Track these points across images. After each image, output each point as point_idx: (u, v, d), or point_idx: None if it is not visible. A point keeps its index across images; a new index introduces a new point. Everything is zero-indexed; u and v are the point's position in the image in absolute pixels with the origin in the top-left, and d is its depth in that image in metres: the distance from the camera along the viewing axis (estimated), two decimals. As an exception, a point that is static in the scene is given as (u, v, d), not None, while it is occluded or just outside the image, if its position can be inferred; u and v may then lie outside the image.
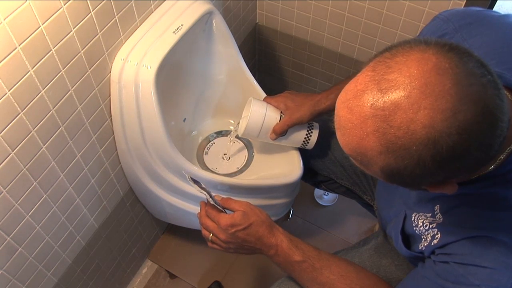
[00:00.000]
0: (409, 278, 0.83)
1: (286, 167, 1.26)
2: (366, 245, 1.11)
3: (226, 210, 0.96)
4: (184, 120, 1.38)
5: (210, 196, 0.94)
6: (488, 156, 0.58)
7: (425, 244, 0.79)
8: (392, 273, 1.04)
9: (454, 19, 0.79)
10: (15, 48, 0.75)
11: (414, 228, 0.82)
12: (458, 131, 0.53)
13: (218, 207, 0.96)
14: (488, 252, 0.68)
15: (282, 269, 0.96)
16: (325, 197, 1.76)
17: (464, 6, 1.26)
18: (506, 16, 0.80)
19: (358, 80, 0.58)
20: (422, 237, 0.80)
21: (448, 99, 0.53)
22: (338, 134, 0.62)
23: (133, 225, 1.43)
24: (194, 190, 1.20)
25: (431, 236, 0.77)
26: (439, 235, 0.75)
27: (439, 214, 0.76)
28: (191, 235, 1.66)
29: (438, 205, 0.77)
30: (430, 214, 0.79)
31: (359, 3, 1.41)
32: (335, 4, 1.46)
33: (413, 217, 0.83)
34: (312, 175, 1.32)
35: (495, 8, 1.34)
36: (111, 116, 1.07)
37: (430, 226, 0.78)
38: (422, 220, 0.81)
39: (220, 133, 1.43)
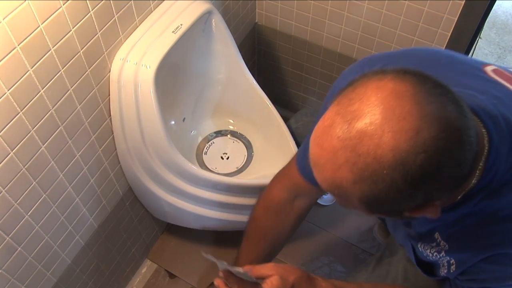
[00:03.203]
0: None
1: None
2: (395, 255, 1.09)
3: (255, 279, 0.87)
4: (184, 119, 1.38)
5: (238, 272, 0.86)
6: (463, 173, 0.58)
7: (445, 271, 0.79)
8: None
9: (370, 63, 0.81)
10: (14, 48, 0.75)
11: (427, 257, 0.83)
12: (424, 149, 0.53)
13: (249, 279, 0.87)
14: (509, 270, 0.68)
15: None
16: (325, 197, 1.76)
17: (463, 6, 1.26)
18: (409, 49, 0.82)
19: (325, 117, 0.60)
20: (439, 263, 0.80)
21: (409, 120, 0.53)
22: (314, 172, 0.63)
23: (133, 224, 1.42)
24: (193, 189, 1.20)
25: (446, 263, 0.77)
26: (453, 261, 0.75)
27: (442, 241, 0.77)
28: (190, 235, 1.66)
29: (437, 233, 0.77)
30: (434, 244, 0.79)
31: (359, 2, 1.41)
32: (335, 4, 1.46)
33: (420, 248, 0.83)
34: None
35: (495, 8, 1.34)
36: (110, 115, 1.07)
37: (440, 254, 0.78)
38: (429, 250, 0.81)
39: (219, 133, 1.43)
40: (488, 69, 0.75)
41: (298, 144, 1.26)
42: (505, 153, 0.65)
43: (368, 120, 0.54)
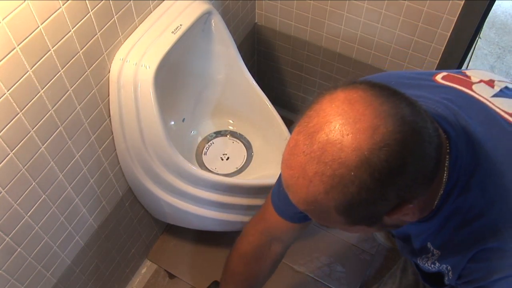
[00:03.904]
0: None
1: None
2: (406, 276, 1.10)
3: None
4: (183, 120, 1.38)
5: None
6: (429, 167, 0.60)
7: (447, 279, 0.80)
8: None
9: None
10: (14, 48, 0.75)
11: (429, 270, 0.84)
12: (384, 144, 0.55)
13: None
14: (492, 264, 0.69)
15: None
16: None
17: (463, 6, 1.26)
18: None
19: (289, 142, 0.62)
20: (442, 272, 0.81)
21: (365, 120, 0.56)
22: (290, 196, 0.64)
23: (132, 225, 1.42)
24: (192, 190, 1.20)
25: (446, 269, 0.78)
26: (449, 267, 0.76)
27: (435, 250, 0.78)
28: (190, 235, 1.66)
29: (429, 243, 0.79)
30: (429, 254, 0.80)
31: (358, 3, 1.41)
32: (334, 4, 1.46)
33: (420, 262, 0.84)
34: None
35: (494, 8, 1.34)
36: (110, 116, 1.07)
37: (437, 263, 0.79)
38: (426, 261, 0.82)
39: (219, 133, 1.43)
40: (438, 76, 0.78)
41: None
42: (464, 147, 0.67)
43: (327, 129, 0.57)
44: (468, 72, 0.80)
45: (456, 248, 0.73)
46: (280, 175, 0.68)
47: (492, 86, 0.76)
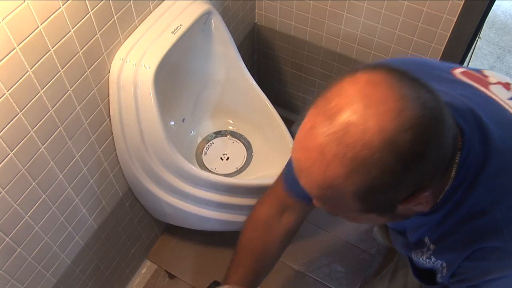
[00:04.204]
0: None
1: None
2: (408, 266, 1.10)
3: None
4: (183, 120, 1.38)
5: None
6: (447, 156, 0.60)
7: (440, 276, 0.80)
8: None
9: None
10: (14, 49, 0.75)
11: (423, 265, 0.83)
12: (409, 126, 0.54)
13: None
14: (488, 264, 0.69)
15: None
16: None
17: (463, 6, 1.26)
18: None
19: (304, 123, 0.60)
20: (436, 268, 0.81)
21: (390, 102, 0.55)
22: (302, 181, 0.63)
23: (132, 225, 1.42)
24: (192, 190, 1.20)
25: (440, 266, 0.78)
26: (444, 264, 0.76)
27: (431, 245, 0.78)
28: (190, 235, 1.66)
29: (427, 237, 0.78)
30: (425, 249, 0.80)
31: (358, 3, 1.41)
32: (334, 4, 1.46)
33: (415, 257, 0.84)
34: None
35: (494, 8, 1.34)
36: (110, 116, 1.07)
37: (433, 258, 0.79)
38: (421, 257, 0.82)
39: (219, 133, 1.43)
40: (457, 71, 0.78)
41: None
42: (477, 145, 0.67)
43: (350, 110, 0.55)
44: (486, 72, 0.79)
45: (454, 244, 0.73)
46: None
47: (509, 89, 0.75)
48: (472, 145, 0.66)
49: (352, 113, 0.55)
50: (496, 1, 1.28)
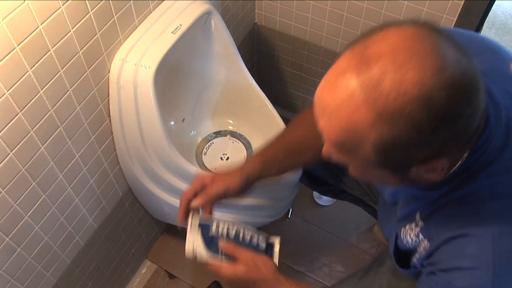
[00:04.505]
0: None
1: (285, 167, 1.26)
2: (382, 266, 1.09)
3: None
4: (183, 120, 1.38)
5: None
6: (473, 127, 0.59)
7: (417, 257, 0.79)
8: None
9: None
10: (14, 49, 0.75)
11: (406, 244, 0.82)
12: (447, 86, 0.53)
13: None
14: (464, 252, 0.68)
15: None
16: (324, 197, 1.76)
17: (463, 6, 1.26)
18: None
19: (337, 65, 0.58)
20: (416, 247, 0.80)
21: (433, 58, 0.54)
22: (322, 123, 0.61)
23: (132, 225, 1.42)
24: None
25: (422, 245, 0.77)
26: (426, 241, 0.75)
27: (420, 221, 0.77)
28: (190, 235, 1.66)
29: (419, 212, 0.78)
30: (413, 224, 0.79)
31: (358, 3, 1.41)
32: (334, 4, 1.46)
33: (402, 234, 0.83)
34: (321, 184, 1.31)
35: (494, 8, 1.34)
36: (110, 116, 1.07)
37: (416, 236, 0.78)
38: (409, 234, 0.81)
39: (219, 133, 1.43)
40: None
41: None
42: (498, 138, 0.66)
43: (391, 58, 0.54)
44: None
45: (442, 223, 0.72)
46: None
47: None
48: (492, 137, 0.65)
49: (392, 62, 0.54)
50: (496, 1, 1.28)
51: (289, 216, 1.73)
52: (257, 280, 0.88)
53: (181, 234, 1.69)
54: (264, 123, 1.38)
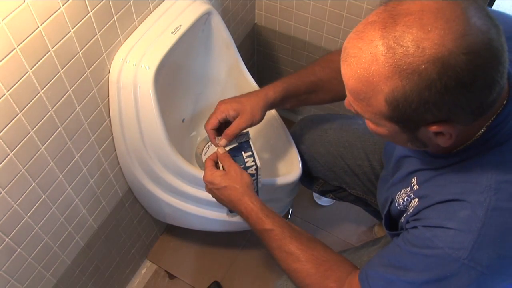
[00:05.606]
0: (385, 249, 0.83)
1: (285, 168, 1.26)
2: (375, 245, 1.11)
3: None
4: (183, 120, 1.38)
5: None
6: (487, 100, 0.59)
7: (404, 216, 0.80)
8: None
9: None
10: (14, 49, 0.75)
11: (397, 207, 0.84)
12: (467, 51, 0.55)
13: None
14: (455, 214, 0.68)
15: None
16: (324, 198, 1.76)
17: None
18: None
19: (368, 17, 0.61)
20: (405, 211, 0.81)
21: (459, 23, 0.55)
22: (344, 68, 0.63)
23: (132, 225, 1.43)
24: (192, 190, 1.20)
25: (411, 207, 0.78)
26: (416, 199, 0.77)
27: (416, 185, 0.79)
28: (190, 236, 1.66)
29: (416, 177, 0.79)
30: (408, 188, 0.81)
31: (358, 3, 1.41)
32: (334, 4, 1.46)
33: (396, 198, 0.85)
34: (321, 184, 1.31)
35: (494, 8, 1.34)
36: (109, 116, 1.07)
37: (408, 197, 0.79)
38: (402, 197, 0.82)
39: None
40: None
41: (298, 146, 1.26)
42: (508, 127, 0.66)
43: (417, 16, 0.56)
44: None
45: (436, 190, 0.73)
46: None
47: None
48: (510, 117, 0.66)
49: (418, 19, 0.56)
50: (496, 1, 1.28)
51: (289, 216, 1.73)
52: (228, 185, 0.95)
53: (181, 234, 1.69)
54: (264, 123, 1.38)
